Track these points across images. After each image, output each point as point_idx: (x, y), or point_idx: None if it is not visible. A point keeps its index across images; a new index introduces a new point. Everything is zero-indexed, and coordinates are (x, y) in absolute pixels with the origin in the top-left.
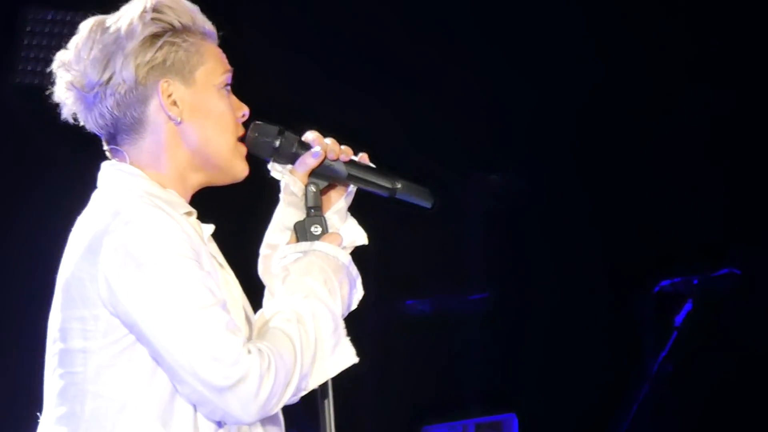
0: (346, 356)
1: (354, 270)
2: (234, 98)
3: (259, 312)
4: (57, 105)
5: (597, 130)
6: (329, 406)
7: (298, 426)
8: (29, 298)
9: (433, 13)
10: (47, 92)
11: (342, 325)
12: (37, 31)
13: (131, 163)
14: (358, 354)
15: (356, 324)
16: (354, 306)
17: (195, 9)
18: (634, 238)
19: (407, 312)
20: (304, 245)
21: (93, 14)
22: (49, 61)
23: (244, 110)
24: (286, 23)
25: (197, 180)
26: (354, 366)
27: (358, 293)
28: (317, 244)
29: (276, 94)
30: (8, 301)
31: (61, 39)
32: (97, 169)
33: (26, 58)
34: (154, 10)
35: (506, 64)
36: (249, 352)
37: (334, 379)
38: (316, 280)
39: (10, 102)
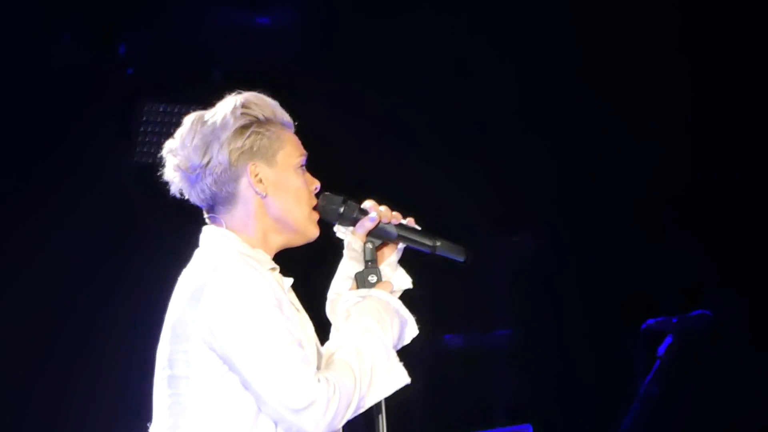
0: (399, 378)
1: (404, 311)
2: (308, 175)
3: (326, 345)
4: (166, 183)
5: (593, 197)
6: (383, 420)
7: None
8: (148, 335)
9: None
10: (159, 173)
11: (393, 354)
12: (151, 120)
13: (226, 228)
14: (410, 373)
15: (407, 351)
16: (407, 341)
17: (275, 104)
18: (626, 286)
19: (446, 345)
20: (363, 291)
21: (194, 108)
22: (160, 145)
23: (317, 184)
24: (347, 113)
25: (279, 242)
26: (403, 387)
27: (411, 330)
28: (373, 291)
29: (342, 170)
30: (131, 334)
31: (170, 127)
32: (194, 234)
33: (142, 142)
34: (243, 106)
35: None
36: (319, 381)
37: (387, 398)
38: (372, 318)
39: (128, 178)
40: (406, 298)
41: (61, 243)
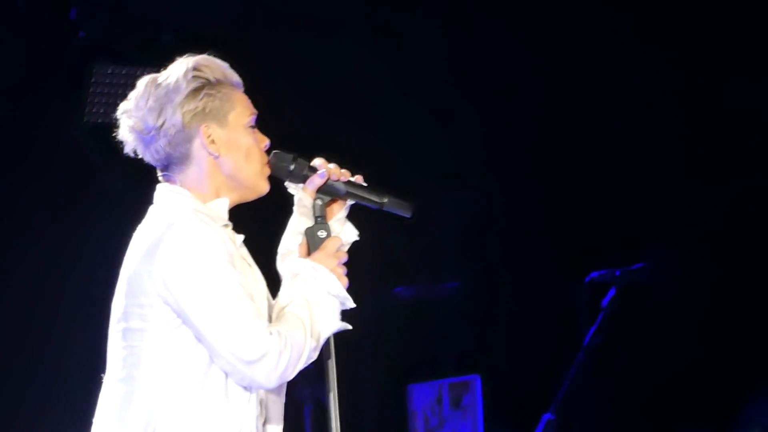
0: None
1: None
2: (258, 132)
3: (277, 298)
4: (120, 142)
5: (538, 153)
6: (332, 365)
7: (309, 381)
8: (103, 289)
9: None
10: (111, 133)
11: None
12: (100, 82)
13: (180, 186)
14: (357, 327)
15: (357, 304)
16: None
17: (225, 65)
18: (570, 239)
19: (397, 297)
20: (307, 274)
21: (144, 70)
22: (110, 106)
23: (266, 142)
24: (296, 72)
25: (232, 198)
26: (354, 336)
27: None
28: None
29: (292, 127)
30: (84, 293)
31: (119, 88)
32: (149, 191)
33: (91, 103)
34: (195, 69)
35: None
36: (270, 333)
37: (338, 346)
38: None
39: (79, 138)
40: (358, 253)
41: (14, 203)
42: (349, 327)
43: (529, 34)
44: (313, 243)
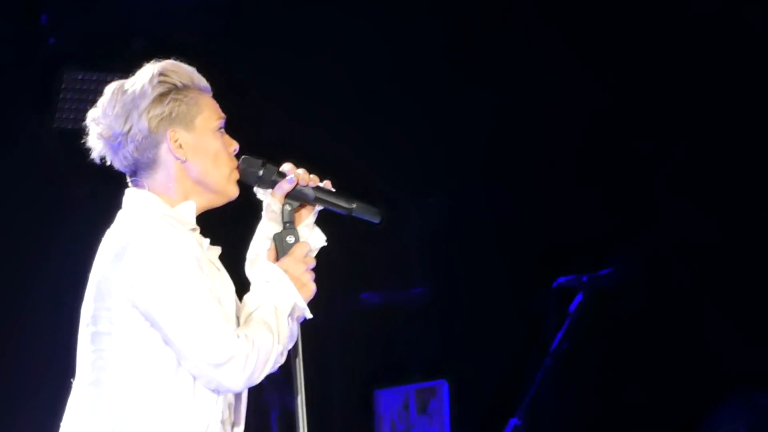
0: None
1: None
2: (227, 137)
3: (245, 302)
4: (89, 149)
5: (505, 159)
6: (300, 370)
7: (276, 386)
8: (72, 292)
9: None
10: (81, 139)
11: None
12: (70, 88)
13: (149, 191)
14: (324, 333)
15: (325, 309)
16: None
17: (192, 70)
18: (538, 244)
19: (364, 302)
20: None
21: (113, 76)
22: (79, 112)
23: (235, 146)
24: (264, 78)
25: (200, 203)
26: (321, 341)
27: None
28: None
29: (260, 133)
30: (52, 298)
31: (88, 94)
32: (118, 196)
33: (61, 109)
34: (161, 74)
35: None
36: (238, 337)
37: (305, 352)
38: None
39: (48, 144)
40: (325, 259)
41: None
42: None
43: (486, 41)
44: (281, 248)
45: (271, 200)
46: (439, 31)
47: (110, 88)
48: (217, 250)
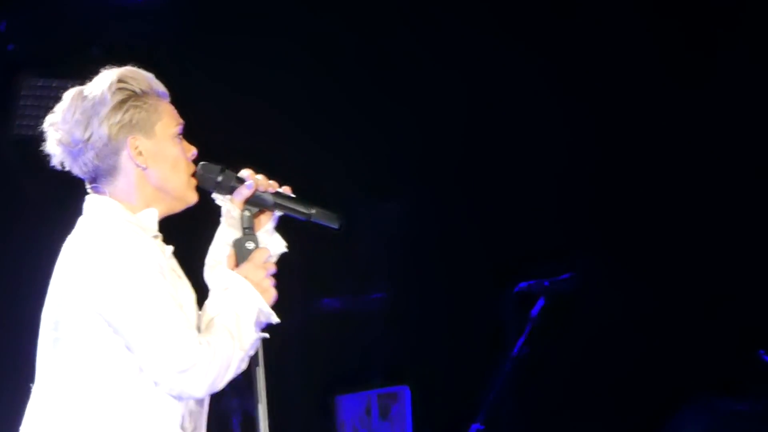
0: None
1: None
2: (185, 143)
3: (204, 308)
4: (48, 155)
5: (466, 165)
6: (262, 376)
7: (237, 391)
8: (32, 300)
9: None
10: (40, 147)
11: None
12: (29, 95)
13: (109, 197)
14: (285, 339)
15: (285, 315)
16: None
17: (150, 76)
18: (499, 249)
19: (324, 308)
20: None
21: (73, 83)
22: (39, 118)
23: (193, 151)
24: (222, 84)
25: (161, 209)
26: (282, 347)
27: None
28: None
29: (218, 139)
30: (14, 300)
31: (48, 101)
32: (78, 202)
33: (21, 115)
34: (120, 80)
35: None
36: (200, 343)
37: (266, 357)
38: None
39: (7, 151)
40: (284, 264)
41: None
42: (267, 336)
43: (454, 45)
44: (241, 254)
45: (230, 206)
46: (395, 36)
47: (69, 94)
48: (170, 248)
